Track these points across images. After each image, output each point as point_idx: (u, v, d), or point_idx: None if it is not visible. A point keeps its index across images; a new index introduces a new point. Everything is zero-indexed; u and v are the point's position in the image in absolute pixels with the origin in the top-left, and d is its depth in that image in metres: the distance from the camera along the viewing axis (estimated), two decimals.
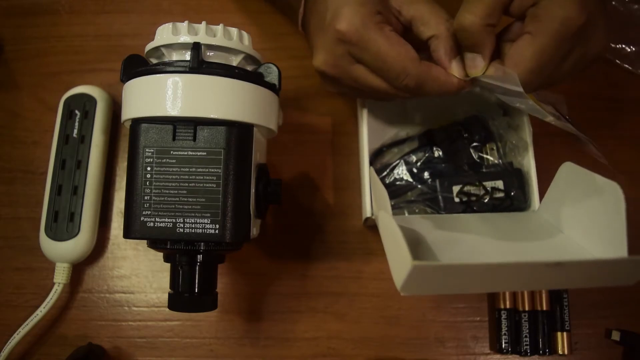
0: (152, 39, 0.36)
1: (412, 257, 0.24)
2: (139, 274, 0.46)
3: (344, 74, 0.36)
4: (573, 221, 0.35)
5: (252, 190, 0.36)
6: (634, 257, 0.26)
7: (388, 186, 0.44)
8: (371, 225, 0.46)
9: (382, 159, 0.45)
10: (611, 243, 0.30)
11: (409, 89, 0.35)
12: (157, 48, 0.36)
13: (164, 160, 0.34)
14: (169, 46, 0.36)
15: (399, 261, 0.26)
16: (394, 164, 0.44)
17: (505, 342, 0.44)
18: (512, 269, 0.26)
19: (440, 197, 0.43)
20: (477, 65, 0.34)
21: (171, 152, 0.34)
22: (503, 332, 0.44)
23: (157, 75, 0.34)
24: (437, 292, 0.31)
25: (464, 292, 0.44)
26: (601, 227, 0.32)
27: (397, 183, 0.44)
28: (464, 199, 0.43)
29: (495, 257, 0.34)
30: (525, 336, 0.44)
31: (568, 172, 0.35)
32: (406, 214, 0.43)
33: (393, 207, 0.43)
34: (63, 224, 0.43)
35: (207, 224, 0.34)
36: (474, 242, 0.36)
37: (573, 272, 0.27)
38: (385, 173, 0.44)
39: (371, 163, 0.44)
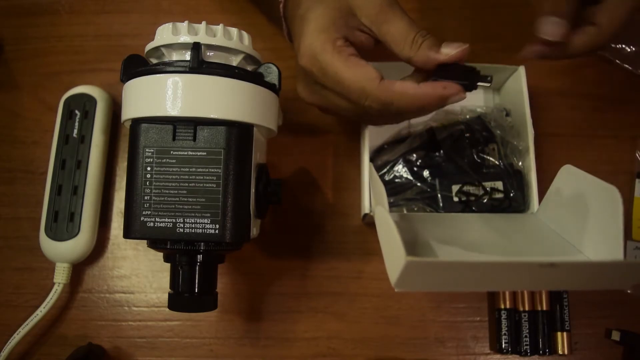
0: (152, 39, 0.36)
1: (406, 253, 0.24)
2: (139, 274, 0.46)
3: (321, 100, 0.37)
4: (571, 224, 0.35)
5: (252, 190, 0.36)
6: (629, 261, 0.26)
7: (387, 183, 0.44)
8: (370, 223, 0.46)
9: (382, 156, 0.45)
10: (608, 246, 0.30)
11: (375, 110, 0.34)
12: (157, 48, 0.36)
13: (164, 160, 0.34)
14: (169, 46, 0.36)
15: (394, 257, 0.26)
16: (394, 161, 0.44)
17: (505, 342, 0.44)
18: (506, 268, 0.26)
19: (439, 195, 0.43)
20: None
21: (171, 152, 0.34)
22: (503, 332, 0.44)
23: (157, 75, 0.34)
24: (431, 289, 0.31)
25: (458, 290, 0.44)
26: (599, 230, 0.32)
27: (397, 181, 0.44)
28: (463, 198, 0.43)
29: (491, 257, 0.34)
30: (525, 336, 0.44)
31: (567, 174, 0.36)
32: (405, 212, 0.43)
33: (392, 205, 0.43)
34: (63, 224, 0.43)
35: (207, 224, 0.34)
36: (472, 242, 0.36)
37: (567, 273, 0.27)
38: (385, 170, 0.44)
39: (372, 160, 0.44)
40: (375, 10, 0.34)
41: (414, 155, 0.44)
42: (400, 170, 0.44)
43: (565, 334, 0.44)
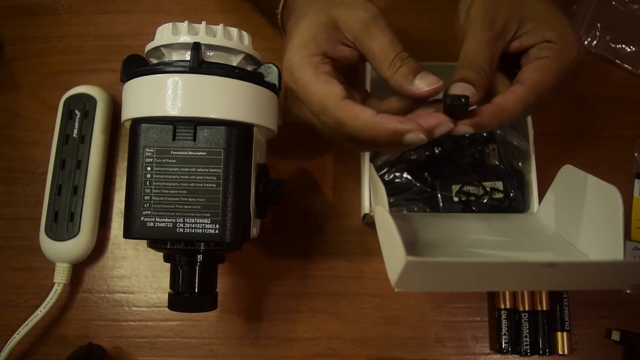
0: (152, 39, 0.36)
1: (406, 253, 0.24)
2: (139, 274, 0.46)
3: (299, 114, 0.37)
4: (571, 224, 0.35)
5: (252, 190, 0.36)
6: (628, 261, 0.26)
7: (387, 183, 0.44)
8: (370, 223, 0.46)
9: (382, 156, 0.45)
10: (608, 246, 0.30)
11: (330, 129, 0.34)
12: (157, 48, 0.36)
13: (164, 160, 0.34)
14: (169, 46, 0.36)
15: (394, 257, 0.26)
16: (394, 161, 0.44)
17: (505, 342, 0.44)
18: (507, 268, 0.26)
19: (439, 195, 0.43)
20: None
21: (171, 152, 0.34)
22: (503, 332, 0.44)
23: (157, 75, 0.34)
24: (431, 289, 0.31)
25: (458, 290, 0.44)
26: (598, 230, 0.32)
27: (397, 181, 0.44)
28: (463, 198, 0.43)
29: (491, 257, 0.34)
30: (525, 336, 0.44)
31: (567, 174, 0.36)
32: (405, 212, 0.43)
33: (392, 205, 0.43)
34: (63, 224, 0.43)
35: (207, 224, 0.34)
36: (472, 242, 0.36)
37: (567, 273, 0.27)
38: (385, 170, 0.44)
39: (372, 160, 0.44)
40: (359, 25, 0.34)
41: (414, 155, 0.44)
42: (401, 170, 0.44)
43: (565, 334, 0.44)
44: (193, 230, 0.34)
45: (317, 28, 0.34)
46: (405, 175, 0.44)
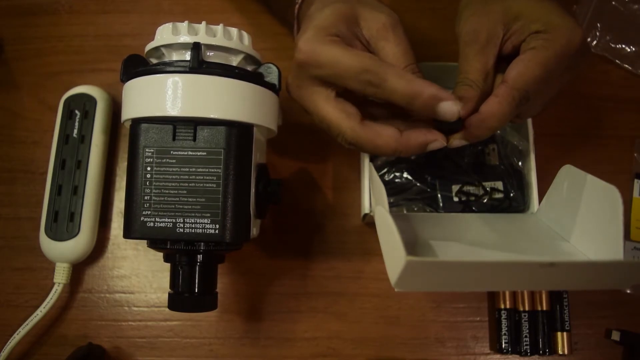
0: (152, 39, 0.36)
1: (406, 253, 0.24)
2: (139, 274, 0.46)
3: (302, 98, 0.37)
4: (571, 224, 0.35)
5: (252, 190, 0.36)
6: (629, 261, 0.26)
7: (387, 183, 0.44)
8: (370, 223, 0.46)
9: (382, 156, 0.45)
10: (608, 246, 0.31)
11: (373, 86, 0.33)
12: (157, 48, 0.36)
13: (164, 160, 0.34)
14: (169, 46, 0.36)
15: (394, 256, 0.26)
16: (394, 161, 0.44)
17: (505, 342, 0.44)
18: (507, 268, 0.26)
19: (439, 195, 0.43)
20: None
21: (171, 152, 0.34)
22: (503, 332, 0.44)
23: (157, 75, 0.34)
24: (431, 289, 0.31)
25: (458, 290, 0.44)
26: (599, 230, 0.32)
27: (397, 181, 0.44)
28: (463, 198, 0.43)
29: (491, 257, 0.34)
30: (525, 336, 0.44)
31: (567, 174, 0.36)
32: (405, 212, 0.43)
33: (392, 205, 0.43)
34: (63, 224, 0.43)
35: (207, 224, 0.34)
36: (472, 242, 0.36)
37: (567, 273, 0.27)
38: (385, 170, 0.44)
39: (372, 160, 0.44)
40: (378, 25, 0.35)
41: (414, 155, 0.44)
42: (400, 170, 0.44)
43: (565, 334, 0.44)
44: (193, 230, 0.34)
45: (338, 17, 0.35)
46: (405, 175, 0.44)
